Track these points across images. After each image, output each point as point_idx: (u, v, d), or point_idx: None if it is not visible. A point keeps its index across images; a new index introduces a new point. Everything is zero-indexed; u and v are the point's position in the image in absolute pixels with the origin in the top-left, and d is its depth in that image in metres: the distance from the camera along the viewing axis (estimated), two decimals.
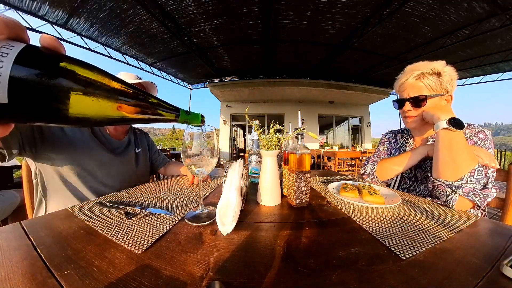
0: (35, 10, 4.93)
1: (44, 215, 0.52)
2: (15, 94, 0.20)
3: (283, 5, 5.04)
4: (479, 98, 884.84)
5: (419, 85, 0.83)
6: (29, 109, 0.22)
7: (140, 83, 1.00)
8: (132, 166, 1.05)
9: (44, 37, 0.23)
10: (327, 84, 9.35)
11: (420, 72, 0.83)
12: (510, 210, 0.81)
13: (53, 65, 0.22)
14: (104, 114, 0.27)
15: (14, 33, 0.21)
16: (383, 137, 1.24)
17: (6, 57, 0.19)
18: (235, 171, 0.57)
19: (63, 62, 0.23)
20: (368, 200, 0.64)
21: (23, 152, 0.72)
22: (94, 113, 0.26)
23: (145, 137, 1.23)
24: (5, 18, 0.21)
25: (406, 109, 0.88)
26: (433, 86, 0.82)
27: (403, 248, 0.38)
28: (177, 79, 10.50)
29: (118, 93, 0.27)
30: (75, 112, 0.24)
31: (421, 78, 0.83)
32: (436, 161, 0.71)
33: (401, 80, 0.89)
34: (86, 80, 0.24)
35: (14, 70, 0.19)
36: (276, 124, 0.69)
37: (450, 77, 0.82)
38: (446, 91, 0.82)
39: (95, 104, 0.25)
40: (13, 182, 1.78)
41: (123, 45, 6.93)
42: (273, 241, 0.40)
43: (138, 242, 0.38)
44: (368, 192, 0.67)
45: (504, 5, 4.56)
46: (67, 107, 0.23)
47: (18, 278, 0.28)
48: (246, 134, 14.07)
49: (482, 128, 0.81)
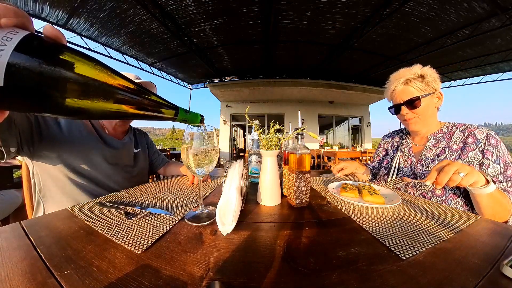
0: (35, 10, 4.93)
1: (44, 215, 0.52)
2: (13, 78, 0.20)
3: (283, 5, 5.05)
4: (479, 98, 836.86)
5: (410, 90, 0.89)
6: (24, 95, 0.22)
7: (140, 82, 1.00)
8: (132, 166, 1.05)
9: (47, 27, 0.24)
10: (327, 84, 9.36)
11: (405, 78, 0.89)
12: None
13: (53, 54, 0.22)
14: (101, 106, 0.26)
15: (21, 22, 0.22)
16: (380, 141, 1.28)
17: (10, 42, 0.20)
18: (235, 171, 0.57)
19: (63, 51, 0.23)
20: (368, 200, 0.64)
21: (21, 150, 0.72)
22: (91, 105, 0.25)
23: (144, 137, 1.23)
24: (15, 7, 0.22)
25: (404, 112, 0.92)
26: (422, 87, 0.87)
27: (403, 248, 0.38)
28: (177, 79, 10.51)
29: (117, 87, 0.27)
30: (71, 102, 0.24)
31: (408, 83, 0.89)
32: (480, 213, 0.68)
33: (391, 88, 0.95)
34: (85, 71, 0.24)
35: (15, 54, 0.20)
36: (276, 124, 0.69)
37: (433, 76, 0.88)
38: (434, 89, 0.88)
39: (92, 96, 0.25)
40: (13, 182, 1.79)
41: (123, 45, 6.93)
42: (273, 241, 0.40)
43: (138, 242, 0.38)
44: (368, 192, 0.67)
45: (504, 5, 4.56)
46: (64, 97, 0.23)
47: (18, 278, 0.28)
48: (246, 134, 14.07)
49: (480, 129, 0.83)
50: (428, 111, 0.90)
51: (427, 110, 0.90)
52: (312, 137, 0.68)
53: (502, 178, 0.73)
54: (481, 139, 0.79)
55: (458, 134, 0.87)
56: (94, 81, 0.25)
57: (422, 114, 0.90)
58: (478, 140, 0.80)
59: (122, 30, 5.97)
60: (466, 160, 0.80)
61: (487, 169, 0.75)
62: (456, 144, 0.86)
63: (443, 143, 0.89)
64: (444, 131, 0.92)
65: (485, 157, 0.76)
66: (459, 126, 0.89)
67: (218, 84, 9.95)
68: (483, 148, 0.78)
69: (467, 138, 0.83)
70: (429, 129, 0.96)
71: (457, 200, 0.79)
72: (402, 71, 0.93)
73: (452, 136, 0.88)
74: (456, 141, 0.86)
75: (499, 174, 0.73)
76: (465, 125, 0.88)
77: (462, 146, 0.83)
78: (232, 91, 9.98)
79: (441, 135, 0.92)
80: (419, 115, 0.91)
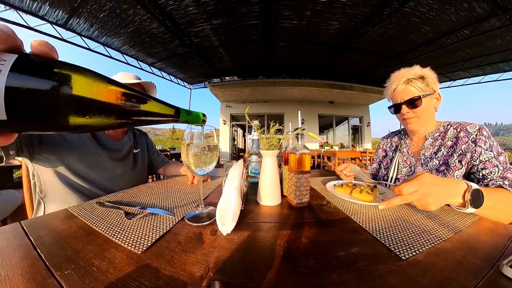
0: (35, 10, 4.93)
1: (44, 215, 0.52)
2: (13, 109, 0.19)
3: (283, 5, 5.04)
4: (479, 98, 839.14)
5: (411, 89, 0.90)
6: (28, 122, 0.21)
7: (139, 83, 1.00)
8: (130, 167, 1.05)
9: (35, 44, 0.21)
10: (327, 84, 9.35)
11: (406, 78, 0.90)
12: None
13: (46, 74, 0.21)
14: (103, 120, 0.26)
15: (6, 44, 0.20)
16: (379, 143, 1.29)
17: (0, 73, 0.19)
18: (235, 171, 0.57)
19: (56, 68, 0.22)
20: (355, 196, 0.68)
21: (20, 152, 0.72)
22: (93, 120, 0.25)
23: (144, 137, 1.23)
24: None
25: (404, 111, 0.93)
26: (422, 88, 0.89)
27: (403, 248, 0.38)
28: (177, 79, 10.50)
29: (117, 97, 0.27)
30: (73, 119, 0.23)
31: (409, 83, 0.90)
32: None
33: (392, 88, 0.96)
34: (83, 87, 0.23)
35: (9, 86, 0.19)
36: (276, 124, 0.69)
37: (432, 78, 0.90)
38: (433, 90, 0.89)
39: (94, 111, 0.25)
40: (13, 182, 1.79)
41: (123, 45, 6.93)
42: (273, 241, 0.40)
43: (138, 242, 0.38)
44: (359, 190, 0.69)
45: (504, 5, 4.56)
46: (66, 116, 0.23)
47: (18, 278, 0.28)
48: (246, 134, 14.07)
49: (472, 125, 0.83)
50: (427, 111, 0.91)
51: (427, 110, 0.91)
52: (312, 137, 0.69)
53: (496, 162, 0.72)
54: (473, 131, 0.81)
55: (452, 131, 0.89)
56: (94, 95, 0.24)
57: (422, 114, 0.91)
58: (470, 133, 0.81)
59: (122, 30, 5.96)
60: (460, 153, 0.80)
61: (479, 156, 0.75)
62: (450, 140, 0.87)
63: (439, 141, 0.91)
64: (440, 129, 0.94)
65: (477, 145, 0.77)
66: (453, 124, 0.91)
67: (218, 84, 9.94)
68: (475, 139, 0.78)
69: (459, 133, 0.85)
70: (427, 129, 0.97)
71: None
72: (403, 71, 0.94)
73: (446, 134, 0.90)
74: (450, 138, 0.88)
75: (492, 158, 0.73)
76: (459, 123, 0.89)
77: (455, 142, 0.85)
78: (232, 91, 9.98)
79: (438, 134, 0.93)
80: (419, 115, 0.92)
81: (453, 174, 0.81)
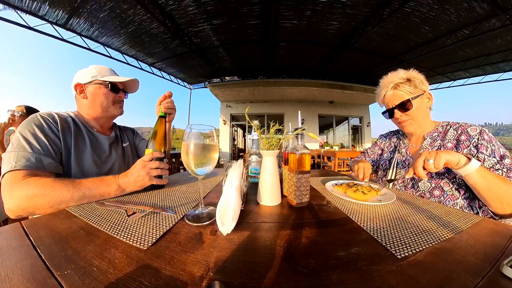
0: (35, 10, 4.93)
1: (44, 215, 0.52)
2: None
3: (283, 5, 5.04)
4: (479, 98, 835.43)
5: (399, 94, 0.91)
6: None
7: (124, 82, 0.98)
8: (121, 162, 1.06)
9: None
10: (327, 84, 9.35)
11: (394, 83, 0.92)
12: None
13: None
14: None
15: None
16: (377, 140, 1.29)
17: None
18: (235, 171, 0.57)
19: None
20: (350, 195, 0.69)
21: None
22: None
23: (129, 130, 1.26)
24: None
25: (397, 116, 0.95)
26: (411, 90, 0.90)
27: (403, 248, 0.38)
28: (177, 79, 10.50)
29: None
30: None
31: (397, 87, 0.92)
32: (487, 203, 0.69)
33: (382, 94, 0.98)
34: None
35: None
36: (276, 124, 0.69)
37: (419, 79, 0.91)
38: (423, 91, 0.90)
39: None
40: None
41: (123, 45, 6.93)
42: (273, 241, 0.40)
43: (142, 239, 0.39)
44: (355, 190, 0.70)
45: (504, 5, 4.56)
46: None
47: (18, 278, 0.28)
48: (246, 134, 14.07)
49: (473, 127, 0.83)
50: (420, 112, 0.91)
51: (419, 111, 0.91)
52: (312, 137, 0.69)
53: (499, 167, 0.72)
54: (474, 135, 0.80)
55: (452, 132, 0.88)
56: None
57: (415, 116, 0.92)
58: (471, 137, 0.80)
59: (122, 30, 5.96)
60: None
61: (483, 163, 0.74)
62: (450, 142, 0.86)
63: (438, 141, 0.90)
64: (439, 130, 0.93)
65: (479, 151, 0.76)
66: (453, 125, 0.90)
67: (218, 84, 9.94)
68: (477, 144, 0.78)
69: (460, 135, 0.84)
70: (424, 129, 0.97)
71: (456, 201, 0.79)
72: (390, 76, 0.96)
73: (446, 135, 0.89)
74: (450, 139, 0.87)
75: (495, 164, 0.73)
76: (458, 124, 0.88)
77: (456, 144, 0.84)
78: (232, 91, 9.98)
79: (436, 134, 0.93)
80: (412, 117, 0.92)
81: (454, 176, 0.81)
